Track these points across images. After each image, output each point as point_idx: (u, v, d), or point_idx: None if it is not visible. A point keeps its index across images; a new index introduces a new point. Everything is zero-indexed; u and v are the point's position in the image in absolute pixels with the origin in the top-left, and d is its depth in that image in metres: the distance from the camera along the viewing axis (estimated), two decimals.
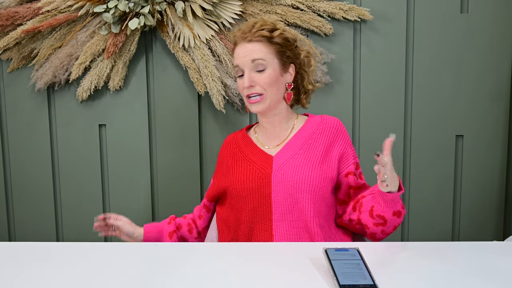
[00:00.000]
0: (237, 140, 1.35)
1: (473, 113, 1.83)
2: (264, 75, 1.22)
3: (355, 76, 1.83)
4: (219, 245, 1.15)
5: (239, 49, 1.24)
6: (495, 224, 1.88)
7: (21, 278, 0.93)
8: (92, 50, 1.77)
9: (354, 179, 1.25)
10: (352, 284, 0.83)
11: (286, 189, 1.20)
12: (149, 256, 1.03)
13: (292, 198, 1.19)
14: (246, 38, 1.23)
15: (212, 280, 0.90)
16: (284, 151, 1.25)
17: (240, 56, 1.24)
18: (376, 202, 1.15)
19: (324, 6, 1.73)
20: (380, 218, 1.16)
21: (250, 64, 1.22)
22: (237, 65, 1.25)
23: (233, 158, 1.31)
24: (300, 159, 1.22)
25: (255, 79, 1.22)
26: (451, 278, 0.89)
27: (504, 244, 1.10)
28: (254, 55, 1.22)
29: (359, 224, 1.22)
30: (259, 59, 1.22)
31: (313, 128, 1.28)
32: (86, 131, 1.90)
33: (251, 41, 1.23)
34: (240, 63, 1.24)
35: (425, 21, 1.78)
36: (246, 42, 1.23)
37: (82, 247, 1.09)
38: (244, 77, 1.23)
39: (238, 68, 1.25)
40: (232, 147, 1.34)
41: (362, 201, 1.20)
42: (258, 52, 1.22)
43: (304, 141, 1.26)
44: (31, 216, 1.96)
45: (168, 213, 1.92)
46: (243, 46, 1.23)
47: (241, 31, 1.25)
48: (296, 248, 1.08)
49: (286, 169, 1.21)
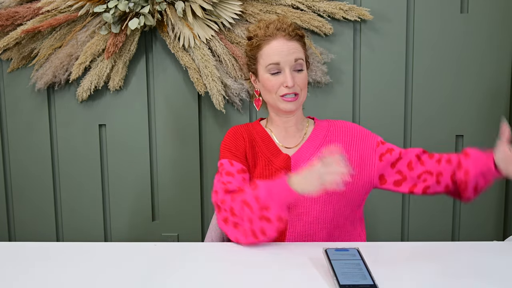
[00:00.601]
0: (252, 134, 1.28)
1: (473, 113, 1.83)
2: (302, 75, 1.20)
3: (355, 76, 1.83)
4: (219, 245, 1.15)
5: (278, 44, 1.18)
6: (495, 224, 1.88)
7: (21, 278, 0.93)
8: (92, 50, 1.77)
9: (389, 156, 1.23)
10: (352, 284, 0.83)
11: None
12: (149, 256, 1.03)
13: (309, 199, 1.19)
14: (285, 35, 1.18)
15: (212, 280, 0.90)
16: (302, 152, 1.24)
17: (283, 53, 1.18)
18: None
19: (324, 6, 1.73)
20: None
21: (292, 63, 1.18)
22: (277, 62, 1.18)
23: (254, 154, 1.25)
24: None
25: (296, 79, 1.19)
26: (451, 278, 0.89)
27: (504, 244, 1.10)
28: (297, 54, 1.18)
29: (455, 183, 1.19)
30: (300, 58, 1.19)
31: (324, 130, 1.28)
32: (86, 131, 1.90)
33: (291, 39, 1.19)
34: (282, 61, 1.18)
35: (425, 21, 1.78)
36: (286, 39, 1.18)
37: (82, 247, 1.09)
38: (286, 75, 1.17)
39: (277, 66, 1.18)
40: (249, 139, 1.27)
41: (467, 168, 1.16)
42: (299, 52, 1.19)
43: (320, 143, 1.25)
44: (31, 216, 1.96)
45: (168, 213, 1.93)
46: (283, 43, 1.18)
47: (276, 27, 1.19)
48: (296, 248, 1.08)
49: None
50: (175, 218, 1.92)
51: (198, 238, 1.92)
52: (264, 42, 1.20)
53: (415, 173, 1.22)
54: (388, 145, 1.26)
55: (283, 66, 1.18)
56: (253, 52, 1.24)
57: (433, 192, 1.23)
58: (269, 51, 1.19)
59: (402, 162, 1.23)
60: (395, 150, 1.25)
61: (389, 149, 1.25)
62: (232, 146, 1.24)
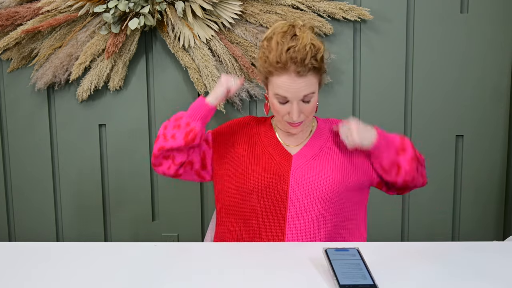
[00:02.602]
0: (259, 129, 1.30)
1: (473, 113, 1.83)
2: (311, 105, 1.18)
3: (355, 76, 1.83)
4: (219, 245, 1.15)
5: (288, 81, 1.14)
6: (495, 224, 1.88)
7: (21, 278, 0.93)
8: (92, 50, 1.77)
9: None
10: (352, 284, 0.83)
11: (305, 188, 1.20)
12: (149, 256, 1.03)
13: (311, 197, 1.20)
14: (299, 71, 1.13)
15: (212, 280, 0.90)
16: (305, 151, 1.25)
17: (291, 90, 1.14)
18: (377, 160, 1.23)
19: (324, 6, 1.73)
20: (392, 168, 1.22)
21: (300, 98, 1.16)
22: (284, 96, 1.16)
23: (253, 147, 1.27)
24: (322, 160, 1.23)
25: (303, 109, 1.17)
26: (451, 278, 0.90)
27: (504, 244, 1.10)
28: (306, 90, 1.15)
29: (395, 185, 1.28)
30: (310, 93, 1.16)
31: (326, 131, 1.29)
32: (86, 131, 1.90)
33: (303, 76, 1.14)
34: (290, 97, 1.15)
35: (425, 21, 1.78)
36: (297, 76, 1.14)
37: (82, 247, 1.09)
38: (293, 108, 1.16)
39: (283, 98, 1.16)
40: (253, 133, 1.29)
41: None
42: (310, 86, 1.16)
43: (323, 143, 1.27)
44: (31, 216, 1.96)
45: (168, 213, 1.93)
46: (293, 80, 1.14)
47: (291, 58, 1.12)
48: (296, 248, 1.08)
49: (307, 169, 1.22)
50: (175, 218, 1.92)
51: (198, 238, 1.92)
52: (275, 72, 1.15)
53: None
54: None
55: (291, 100, 1.16)
56: (264, 70, 1.19)
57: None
58: (279, 83, 1.15)
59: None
60: None
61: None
62: (225, 131, 1.33)
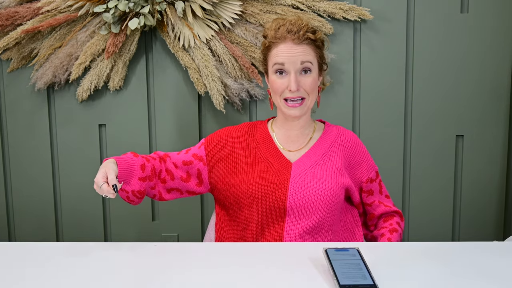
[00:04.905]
0: (255, 136, 1.29)
1: (473, 113, 1.83)
2: (309, 79, 1.19)
3: (355, 76, 1.83)
4: (219, 245, 1.15)
5: (285, 48, 1.18)
6: (495, 224, 1.88)
7: (21, 278, 0.93)
8: (92, 50, 1.77)
9: (364, 196, 1.32)
10: (352, 284, 0.83)
11: (304, 196, 1.20)
12: (149, 256, 1.03)
13: (310, 206, 1.20)
14: (294, 39, 1.18)
15: (212, 280, 0.90)
16: (305, 159, 1.25)
17: (289, 55, 1.18)
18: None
19: (324, 6, 1.73)
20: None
21: (298, 66, 1.18)
22: (281, 63, 1.18)
23: (250, 155, 1.26)
24: (321, 169, 1.23)
25: (301, 83, 1.18)
26: (451, 278, 0.90)
27: (504, 244, 1.10)
28: (304, 57, 1.18)
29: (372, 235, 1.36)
30: (307, 61, 1.18)
31: (331, 139, 1.28)
32: (86, 131, 1.90)
33: (300, 43, 1.18)
34: (287, 63, 1.18)
35: (425, 21, 1.78)
36: (294, 43, 1.18)
37: (82, 247, 1.09)
38: (290, 79, 1.18)
39: (281, 66, 1.19)
40: (249, 140, 1.28)
41: (379, 232, 1.32)
42: (307, 54, 1.19)
43: (324, 152, 1.26)
44: (31, 216, 1.96)
45: (168, 213, 1.93)
46: (290, 46, 1.18)
47: (287, 29, 1.18)
48: (296, 248, 1.08)
49: (306, 178, 1.22)
50: (175, 218, 1.92)
51: (198, 238, 1.92)
52: (273, 44, 1.21)
53: (367, 219, 1.36)
54: (373, 186, 1.31)
55: (288, 69, 1.18)
56: (264, 53, 1.26)
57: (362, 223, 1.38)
58: (277, 52, 1.20)
59: (368, 208, 1.34)
60: (374, 195, 1.32)
61: (370, 191, 1.32)
62: (220, 141, 1.30)
